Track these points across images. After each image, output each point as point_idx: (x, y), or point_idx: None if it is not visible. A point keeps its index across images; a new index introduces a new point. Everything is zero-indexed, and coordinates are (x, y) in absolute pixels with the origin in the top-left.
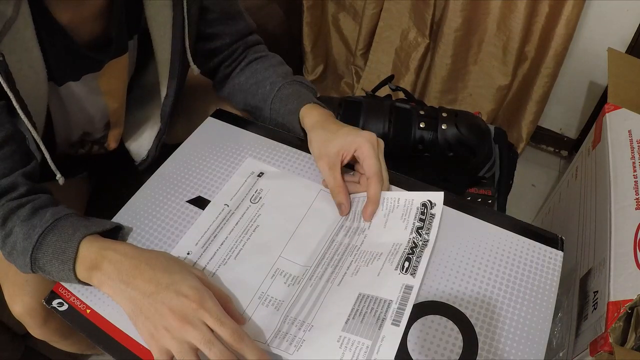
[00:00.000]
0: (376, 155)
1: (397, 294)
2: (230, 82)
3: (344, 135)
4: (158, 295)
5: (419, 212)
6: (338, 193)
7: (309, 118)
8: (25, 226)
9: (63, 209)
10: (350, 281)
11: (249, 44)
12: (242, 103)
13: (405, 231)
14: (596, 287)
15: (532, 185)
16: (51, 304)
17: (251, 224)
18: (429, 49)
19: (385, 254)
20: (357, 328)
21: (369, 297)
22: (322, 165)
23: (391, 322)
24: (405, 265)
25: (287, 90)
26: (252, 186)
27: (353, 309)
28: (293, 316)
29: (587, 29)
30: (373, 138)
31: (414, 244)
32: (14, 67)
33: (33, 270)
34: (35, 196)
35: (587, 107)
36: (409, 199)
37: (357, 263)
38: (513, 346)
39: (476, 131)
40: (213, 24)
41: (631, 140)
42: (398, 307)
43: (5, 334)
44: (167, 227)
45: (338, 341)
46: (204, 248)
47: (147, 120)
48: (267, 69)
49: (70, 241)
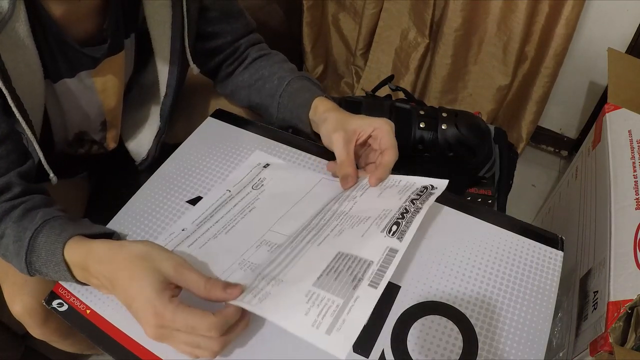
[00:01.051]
0: (393, 133)
1: (379, 256)
2: (233, 80)
3: (361, 118)
4: (131, 310)
5: (418, 190)
6: (348, 165)
7: (324, 105)
8: (16, 228)
9: (54, 210)
10: (332, 241)
11: (251, 42)
12: (246, 100)
13: (399, 201)
14: (596, 287)
15: (532, 185)
16: (51, 305)
17: (248, 206)
18: (428, 49)
19: (374, 217)
20: (330, 285)
21: (348, 255)
22: (337, 138)
23: (368, 282)
24: (393, 229)
25: (296, 85)
26: (256, 175)
27: (329, 266)
28: (265, 273)
29: (587, 29)
30: (391, 123)
31: (406, 210)
32: (9, 64)
33: (31, 274)
34: (28, 197)
35: (587, 107)
36: (411, 181)
37: (342, 225)
38: (513, 346)
39: (476, 131)
40: (213, 23)
41: (631, 140)
42: (378, 269)
43: (5, 334)
44: (167, 227)
45: (306, 296)
46: (198, 226)
47: (146, 120)
48: (273, 65)
49: (56, 242)
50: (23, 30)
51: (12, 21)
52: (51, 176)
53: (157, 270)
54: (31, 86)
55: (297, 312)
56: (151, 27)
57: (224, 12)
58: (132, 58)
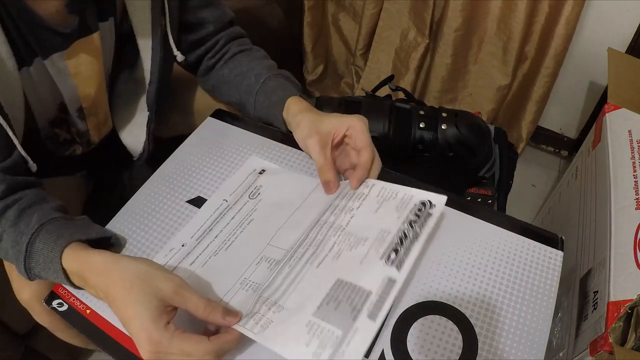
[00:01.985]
0: (369, 132)
1: (378, 286)
2: (214, 74)
3: (335, 117)
4: (126, 327)
5: (417, 208)
6: (327, 170)
7: (297, 106)
8: (13, 232)
9: (49, 210)
10: (331, 264)
11: (232, 36)
12: (226, 96)
13: (398, 221)
14: (596, 287)
15: (532, 185)
16: (51, 305)
17: (246, 218)
18: (428, 48)
19: (372, 239)
20: (330, 315)
21: (348, 284)
22: (313, 144)
23: (367, 314)
24: (392, 257)
25: (272, 83)
26: (252, 183)
27: (329, 294)
28: (266, 296)
29: (587, 29)
30: (364, 119)
31: (404, 234)
32: None
33: (31, 278)
34: (21, 194)
35: (587, 107)
36: (409, 194)
37: (340, 246)
38: (513, 346)
39: (476, 131)
40: (195, 11)
41: (631, 140)
42: (377, 300)
43: (5, 334)
44: (167, 227)
45: (307, 326)
46: (198, 241)
47: (138, 112)
48: (252, 62)
49: (54, 250)
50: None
51: None
52: (30, 164)
53: (155, 294)
54: (3, 76)
55: (299, 343)
56: (131, 13)
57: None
58: (112, 44)
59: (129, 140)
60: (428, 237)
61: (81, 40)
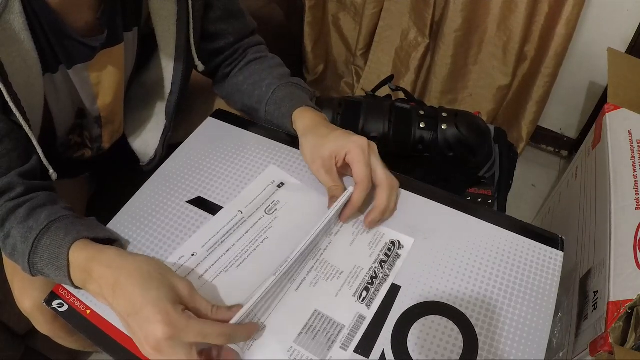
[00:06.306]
0: (366, 161)
1: (350, 321)
2: (229, 81)
3: (334, 139)
4: (134, 318)
5: (386, 247)
6: (336, 189)
7: (301, 122)
8: (22, 228)
9: (59, 209)
10: (309, 292)
11: (251, 44)
12: (240, 104)
13: (370, 259)
14: (596, 287)
15: (532, 185)
16: (51, 305)
17: (260, 235)
18: (429, 49)
19: (346, 274)
20: (308, 344)
21: (324, 316)
22: (317, 168)
23: (340, 345)
24: (363, 295)
25: (281, 93)
26: (270, 196)
27: (307, 324)
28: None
29: (587, 29)
30: (364, 142)
31: (375, 274)
32: (5, 60)
33: (33, 274)
34: (33, 195)
35: (587, 107)
36: (380, 232)
37: (317, 273)
38: (513, 346)
39: (476, 131)
40: (216, 22)
41: (631, 140)
42: (349, 333)
43: (5, 334)
44: (167, 227)
45: (289, 351)
46: (209, 252)
47: (151, 119)
48: (265, 70)
49: (61, 247)
50: (18, 23)
51: (6, 14)
52: (51, 172)
53: (172, 287)
54: (29, 82)
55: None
56: (156, 23)
57: (227, 11)
58: (134, 53)
59: (138, 145)
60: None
61: (106, 50)
